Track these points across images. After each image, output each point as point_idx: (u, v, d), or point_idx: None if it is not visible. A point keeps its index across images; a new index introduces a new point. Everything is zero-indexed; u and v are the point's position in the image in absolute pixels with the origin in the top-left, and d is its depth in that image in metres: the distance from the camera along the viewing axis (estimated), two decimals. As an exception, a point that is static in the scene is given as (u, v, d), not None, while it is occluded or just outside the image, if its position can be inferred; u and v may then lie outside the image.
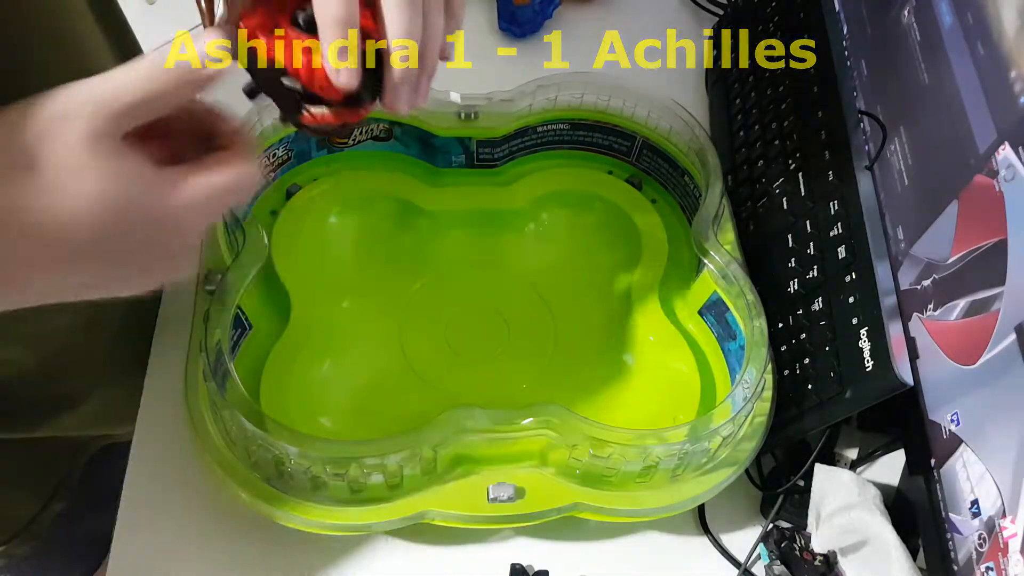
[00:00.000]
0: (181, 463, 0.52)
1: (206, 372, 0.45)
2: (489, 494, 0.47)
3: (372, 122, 0.60)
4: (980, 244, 0.44)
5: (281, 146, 0.58)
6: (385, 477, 0.46)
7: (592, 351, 0.58)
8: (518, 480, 0.47)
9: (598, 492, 0.48)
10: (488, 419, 0.46)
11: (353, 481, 0.45)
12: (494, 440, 0.47)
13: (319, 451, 0.43)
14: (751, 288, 0.52)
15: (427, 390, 0.55)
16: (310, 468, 0.44)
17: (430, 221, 0.60)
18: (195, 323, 0.50)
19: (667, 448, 0.46)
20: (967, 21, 0.48)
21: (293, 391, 0.52)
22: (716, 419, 0.46)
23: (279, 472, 0.46)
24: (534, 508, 0.47)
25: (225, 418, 0.45)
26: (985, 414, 0.43)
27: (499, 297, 0.60)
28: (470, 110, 0.58)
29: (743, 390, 0.47)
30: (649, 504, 0.48)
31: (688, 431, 0.46)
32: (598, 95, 0.60)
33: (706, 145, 0.57)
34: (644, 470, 0.48)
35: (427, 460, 0.46)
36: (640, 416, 0.54)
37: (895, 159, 0.54)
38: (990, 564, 0.41)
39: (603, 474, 0.48)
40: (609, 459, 0.46)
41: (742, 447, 0.50)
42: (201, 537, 0.50)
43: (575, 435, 0.46)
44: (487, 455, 0.48)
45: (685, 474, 0.49)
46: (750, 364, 0.48)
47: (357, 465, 0.44)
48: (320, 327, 0.55)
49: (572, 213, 0.63)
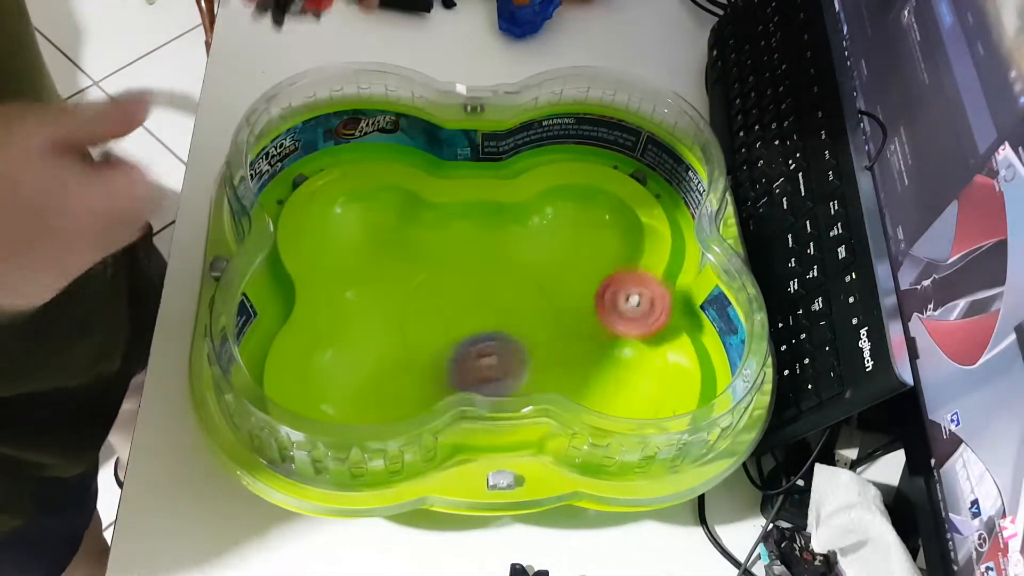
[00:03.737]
0: (184, 447, 0.52)
1: (211, 357, 0.45)
2: (489, 481, 0.47)
3: (379, 114, 0.60)
4: (980, 244, 0.44)
5: (288, 136, 0.59)
6: (386, 462, 0.46)
7: (594, 344, 0.58)
8: (517, 468, 0.48)
9: (597, 481, 0.48)
10: (488, 406, 0.46)
11: (354, 465, 0.45)
12: (494, 428, 0.47)
13: (321, 435, 0.44)
14: (752, 282, 0.52)
15: (429, 380, 0.55)
16: (312, 452, 0.44)
17: (435, 213, 0.61)
18: (200, 308, 0.51)
19: (667, 438, 0.46)
20: (967, 21, 0.48)
21: (296, 378, 0.52)
22: (717, 409, 0.47)
23: (282, 456, 0.46)
24: (533, 496, 0.48)
25: (229, 402, 0.45)
26: (985, 414, 0.43)
27: (502, 289, 0.60)
28: (476, 103, 0.58)
29: (743, 382, 0.48)
30: (648, 494, 0.48)
31: (690, 420, 0.46)
32: (603, 89, 0.60)
33: (710, 139, 0.58)
34: (643, 460, 0.48)
35: (427, 447, 0.46)
36: (640, 409, 0.54)
37: (895, 159, 0.54)
38: (990, 564, 0.41)
39: (602, 463, 0.48)
40: (608, 448, 0.47)
41: (741, 439, 0.50)
42: (203, 519, 0.51)
43: (575, 423, 0.46)
44: (487, 444, 0.49)
45: (683, 465, 0.49)
46: (751, 356, 0.49)
47: (358, 450, 0.44)
48: (324, 316, 0.55)
49: (576, 207, 0.63)
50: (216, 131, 0.55)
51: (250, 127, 0.54)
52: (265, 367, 0.52)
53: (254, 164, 0.57)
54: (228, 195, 0.54)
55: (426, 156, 0.62)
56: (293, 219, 0.58)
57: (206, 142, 0.65)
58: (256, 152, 0.56)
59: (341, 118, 0.60)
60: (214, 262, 0.51)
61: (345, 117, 0.60)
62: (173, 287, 0.58)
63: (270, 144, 0.58)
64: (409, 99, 0.59)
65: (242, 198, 0.52)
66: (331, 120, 0.60)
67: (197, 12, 1.31)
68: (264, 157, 0.58)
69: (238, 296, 0.49)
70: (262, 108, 0.55)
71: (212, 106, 0.68)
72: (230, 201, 0.54)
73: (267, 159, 0.58)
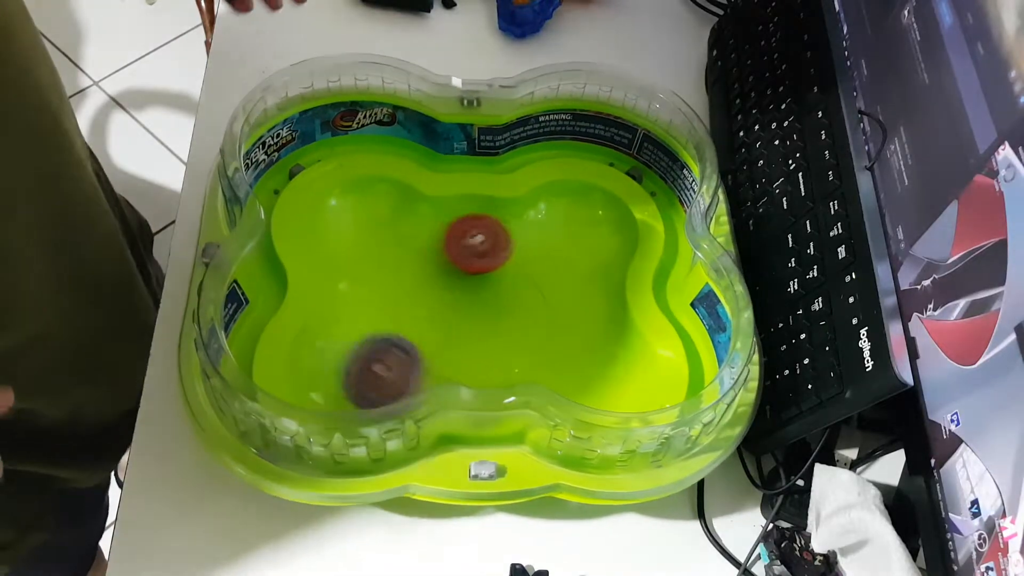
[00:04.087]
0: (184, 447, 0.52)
1: (198, 342, 0.45)
2: (471, 471, 0.47)
3: (376, 106, 0.60)
4: (980, 244, 0.44)
5: (285, 126, 0.59)
6: (368, 450, 0.46)
7: (585, 339, 0.58)
8: (500, 459, 0.48)
9: (579, 474, 0.48)
10: (471, 396, 0.46)
11: (337, 452, 0.45)
12: (478, 419, 0.47)
13: (303, 420, 0.43)
14: (740, 280, 0.52)
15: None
16: (295, 438, 0.44)
17: (430, 206, 0.61)
18: (190, 293, 0.51)
19: (650, 431, 0.46)
20: (967, 21, 0.48)
21: (286, 366, 0.52)
22: (705, 400, 0.46)
23: (265, 442, 0.46)
24: (514, 487, 0.48)
25: (215, 387, 0.45)
26: (985, 414, 0.43)
27: (495, 283, 0.60)
28: (472, 96, 0.58)
29: (730, 372, 0.48)
30: (630, 487, 0.48)
31: (678, 412, 0.46)
32: (600, 86, 0.60)
33: (704, 138, 0.58)
34: (625, 454, 0.48)
35: (410, 435, 0.46)
36: (629, 404, 0.54)
37: (895, 159, 0.54)
38: (990, 564, 0.41)
39: (584, 456, 0.48)
40: (590, 441, 0.46)
41: (725, 434, 0.50)
42: (203, 519, 0.50)
43: (556, 415, 0.46)
44: (471, 434, 0.49)
45: (666, 459, 0.49)
46: (736, 350, 0.48)
47: (340, 436, 0.44)
48: (316, 306, 0.55)
49: (571, 202, 0.63)
50: (216, 131, 0.55)
51: (245, 116, 0.54)
52: (255, 355, 0.51)
53: (250, 153, 0.57)
54: (222, 184, 0.53)
55: (422, 149, 0.62)
56: (288, 209, 0.58)
57: (206, 142, 0.65)
58: (252, 141, 0.56)
59: (338, 109, 0.60)
60: (205, 248, 0.51)
61: (342, 109, 0.60)
62: (173, 286, 0.58)
63: (266, 134, 0.57)
64: (406, 92, 0.59)
65: (236, 187, 0.51)
66: (328, 111, 0.60)
67: (197, 12, 1.31)
68: (261, 146, 0.58)
69: (227, 281, 0.48)
70: (258, 98, 0.55)
71: (212, 106, 0.68)
72: (224, 190, 0.53)
73: (264, 148, 0.58)
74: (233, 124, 0.53)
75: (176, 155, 1.52)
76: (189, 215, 0.60)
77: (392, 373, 0.53)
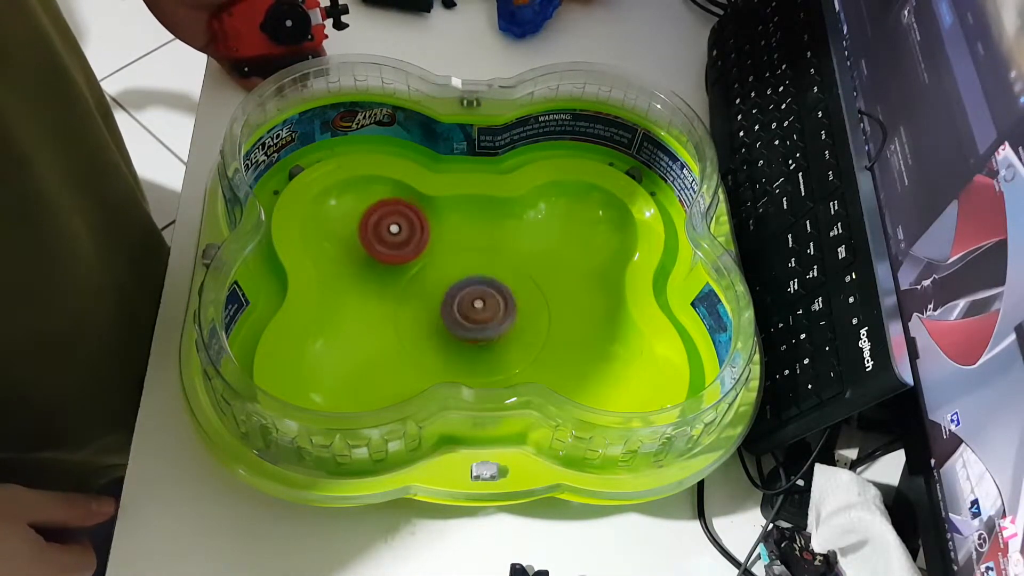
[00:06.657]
0: (184, 447, 0.52)
1: (198, 342, 0.45)
2: (472, 472, 0.47)
3: (376, 107, 0.60)
4: (980, 244, 0.44)
5: (285, 127, 0.59)
6: (370, 451, 0.46)
7: (585, 339, 0.58)
8: (501, 459, 0.48)
9: (580, 474, 0.48)
10: (472, 396, 0.46)
11: (338, 453, 0.45)
12: (479, 420, 0.47)
13: (302, 420, 0.43)
14: (741, 279, 0.52)
15: (420, 373, 0.55)
16: (296, 439, 0.44)
17: (430, 206, 0.60)
18: (191, 295, 0.51)
19: (652, 431, 0.46)
20: (967, 21, 0.48)
21: (286, 367, 0.52)
22: (706, 400, 0.46)
23: (266, 442, 0.46)
24: (516, 487, 0.48)
25: (216, 387, 0.45)
26: (985, 414, 0.43)
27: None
28: (472, 96, 0.58)
29: (731, 372, 0.48)
30: (632, 487, 0.48)
31: (679, 412, 0.46)
32: (599, 85, 0.60)
33: (703, 137, 0.58)
34: (626, 454, 0.48)
35: (412, 436, 0.46)
36: (629, 404, 0.54)
37: (895, 159, 0.54)
38: (990, 564, 0.41)
39: (585, 456, 0.48)
40: (591, 441, 0.47)
41: (727, 434, 0.50)
42: (194, 505, 0.50)
43: (558, 415, 0.46)
44: (472, 435, 0.49)
45: (668, 459, 0.49)
46: (737, 350, 0.48)
47: (342, 437, 0.44)
48: (316, 306, 0.55)
49: (571, 202, 0.63)
50: (216, 131, 0.55)
51: (245, 117, 0.54)
52: (255, 356, 0.51)
53: (251, 154, 0.57)
54: (222, 184, 0.53)
55: (422, 149, 0.62)
56: (288, 209, 0.58)
57: (206, 142, 0.65)
58: (252, 142, 0.56)
59: (338, 110, 0.60)
60: (206, 250, 0.51)
61: (342, 109, 0.60)
62: (173, 286, 0.58)
63: (266, 135, 0.57)
64: (405, 92, 0.59)
65: (236, 188, 0.51)
66: (328, 112, 0.60)
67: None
68: (260, 147, 0.58)
69: (227, 282, 0.48)
70: (257, 99, 0.55)
71: (212, 106, 0.68)
72: (224, 190, 0.53)
73: (263, 149, 0.58)
74: (233, 125, 0.53)
75: (176, 155, 1.52)
76: (189, 215, 0.60)
77: (487, 312, 0.55)
